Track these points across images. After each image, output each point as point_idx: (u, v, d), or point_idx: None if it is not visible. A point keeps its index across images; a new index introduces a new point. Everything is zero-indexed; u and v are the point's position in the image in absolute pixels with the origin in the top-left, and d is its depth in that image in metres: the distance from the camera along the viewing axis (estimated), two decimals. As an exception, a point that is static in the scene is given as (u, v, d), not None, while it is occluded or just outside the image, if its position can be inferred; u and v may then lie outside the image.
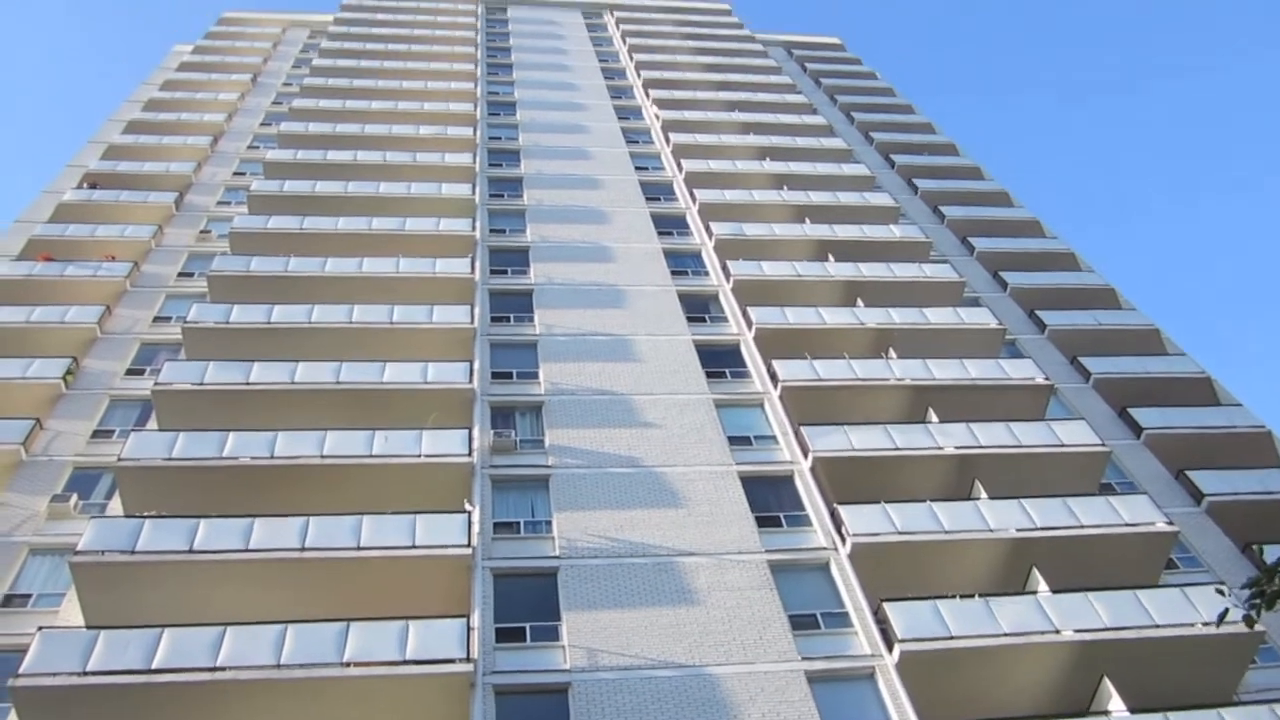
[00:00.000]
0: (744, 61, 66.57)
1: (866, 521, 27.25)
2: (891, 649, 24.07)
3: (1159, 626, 24.48)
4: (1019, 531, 27.29)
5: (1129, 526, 27.75)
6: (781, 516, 28.78)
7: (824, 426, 30.90)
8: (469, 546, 25.45)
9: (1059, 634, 24.14)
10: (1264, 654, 26.30)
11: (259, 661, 21.80)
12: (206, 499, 27.23)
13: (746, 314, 37.21)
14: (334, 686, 21.87)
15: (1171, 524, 28.10)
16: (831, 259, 41.94)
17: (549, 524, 27.75)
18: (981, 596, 25.49)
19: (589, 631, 24.26)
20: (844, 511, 27.62)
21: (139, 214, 44.38)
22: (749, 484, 29.63)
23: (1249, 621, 13.27)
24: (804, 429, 30.84)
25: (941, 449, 30.34)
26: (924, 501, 28.19)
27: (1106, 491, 30.98)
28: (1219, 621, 13.47)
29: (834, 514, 28.10)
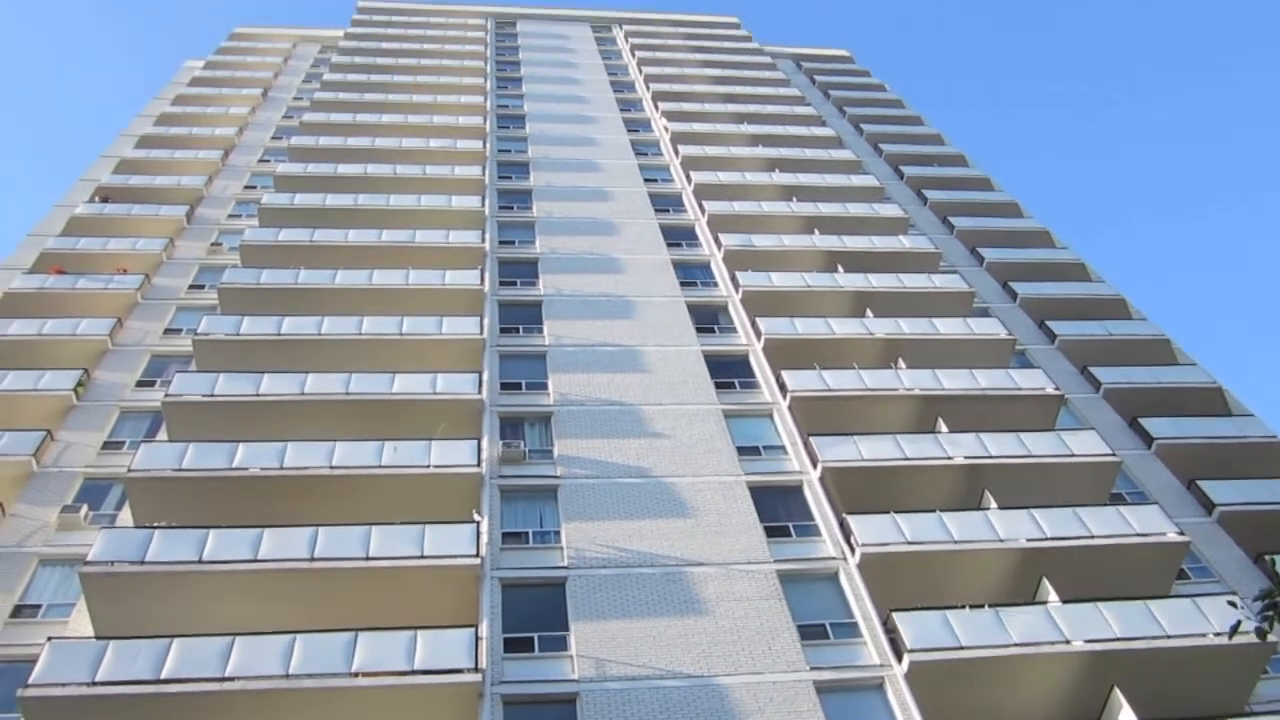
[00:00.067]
0: (753, 74, 66.76)
1: (876, 531, 27.18)
2: (901, 659, 23.98)
3: (1170, 637, 24.34)
4: (1029, 541, 27.19)
5: (1140, 537, 27.65)
6: (790, 526, 28.74)
7: (833, 437, 30.86)
8: (477, 556, 25.45)
9: (1069, 644, 24.02)
10: (1275, 665, 26.01)
11: (268, 671, 21.83)
12: (216, 509, 27.33)
13: (755, 325, 37.22)
14: (343, 696, 21.88)
15: (1182, 534, 27.98)
16: (841, 270, 41.97)
17: (557, 534, 27.76)
18: (991, 607, 25.38)
19: (597, 641, 24.22)
20: (853, 521, 27.57)
21: (150, 227, 44.69)
22: (758, 494, 29.60)
23: (1261, 634, 13.15)
24: (813, 439, 30.81)
25: (951, 459, 30.26)
26: (933, 511, 28.13)
27: (1117, 501, 30.87)
28: (1231, 634, 13.32)
29: (843, 524, 28.04)
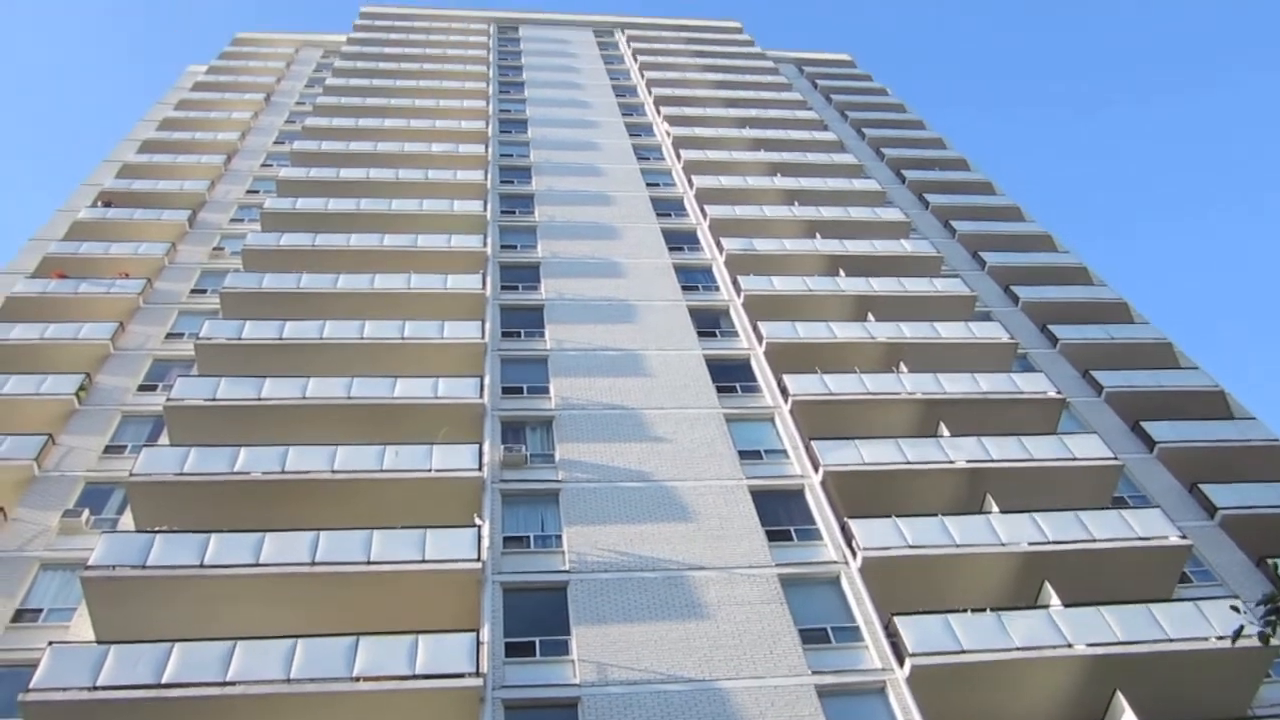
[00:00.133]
0: (755, 78, 66.76)
1: (877, 535, 27.15)
2: (902, 663, 23.94)
3: (1172, 641, 24.29)
4: (1031, 545, 27.15)
5: (1142, 540, 27.60)
6: (792, 530, 28.71)
7: (835, 441, 30.84)
8: (479, 561, 25.45)
9: (1071, 648, 23.98)
10: (1278, 668, 26.00)
11: (269, 676, 21.81)
12: (217, 514, 27.34)
13: (757, 328, 37.22)
14: (344, 701, 21.87)
15: (1185, 538, 27.93)
16: (842, 274, 41.95)
17: (559, 538, 27.74)
18: (993, 610, 25.35)
19: (599, 646, 24.20)
20: (855, 525, 27.54)
21: (153, 231, 44.76)
22: (759, 498, 29.57)
23: (1265, 639, 13.11)
24: (815, 443, 30.79)
25: (953, 463, 30.23)
26: (935, 515, 28.10)
27: (1119, 505, 30.81)
28: (1234, 639, 13.30)
29: (844, 528, 28.02)
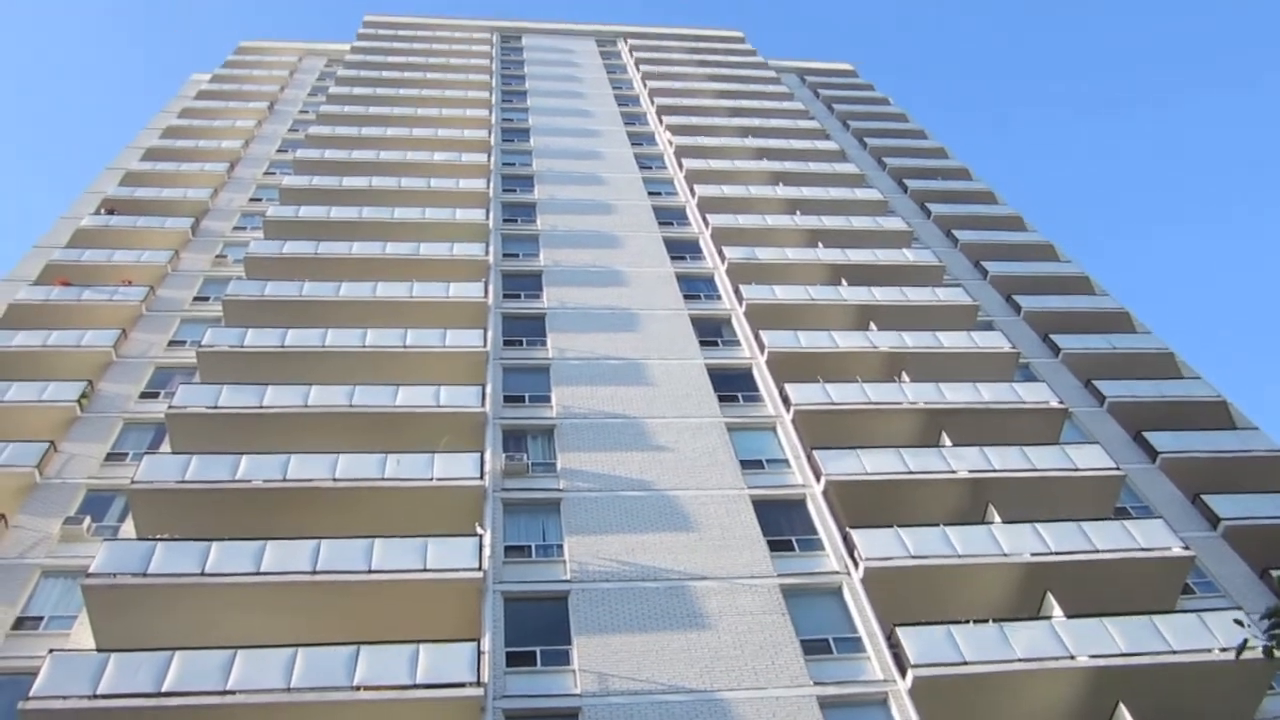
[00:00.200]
0: (757, 88, 66.87)
1: (879, 545, 27.10)
2: (905, 674, 23.88)
3: (1175, 652, 24.22)
4: (1033, 556, 27.09)
5: (1144, 551, 27.55)
6: (794, 540, 28.65)
7: (836, 450, 30.79)
8: (480, 570, 25.41)
9: (1074, 660, 23.92)
10: (1282, 680, 26.01)
11: (270, 684, 21.78)
12: (219, 521, 27.30)
13: (759, 337, 37.20)
14: (345, 710, 21.83)
15: (1187, 549, 27.87)
16: (844, 283, 41.95)
17: (560, 547, 27.70)
18: (995, 621, 25.31)
19: (600, 655, 24.15)
20: (856, 535, 27.49)
21: (156, 239, 44.82)
22: (761, 508, 29.52)
23: (1268, 653, 13.07)
24: (816, 452, 30.75)
25: (955, 473, 30.18)
26: (937, 525, 28.08)
27: (1121, 516, 30.75)
28: (1238, 652, 13.27)
29: (846, 538, 27.97)
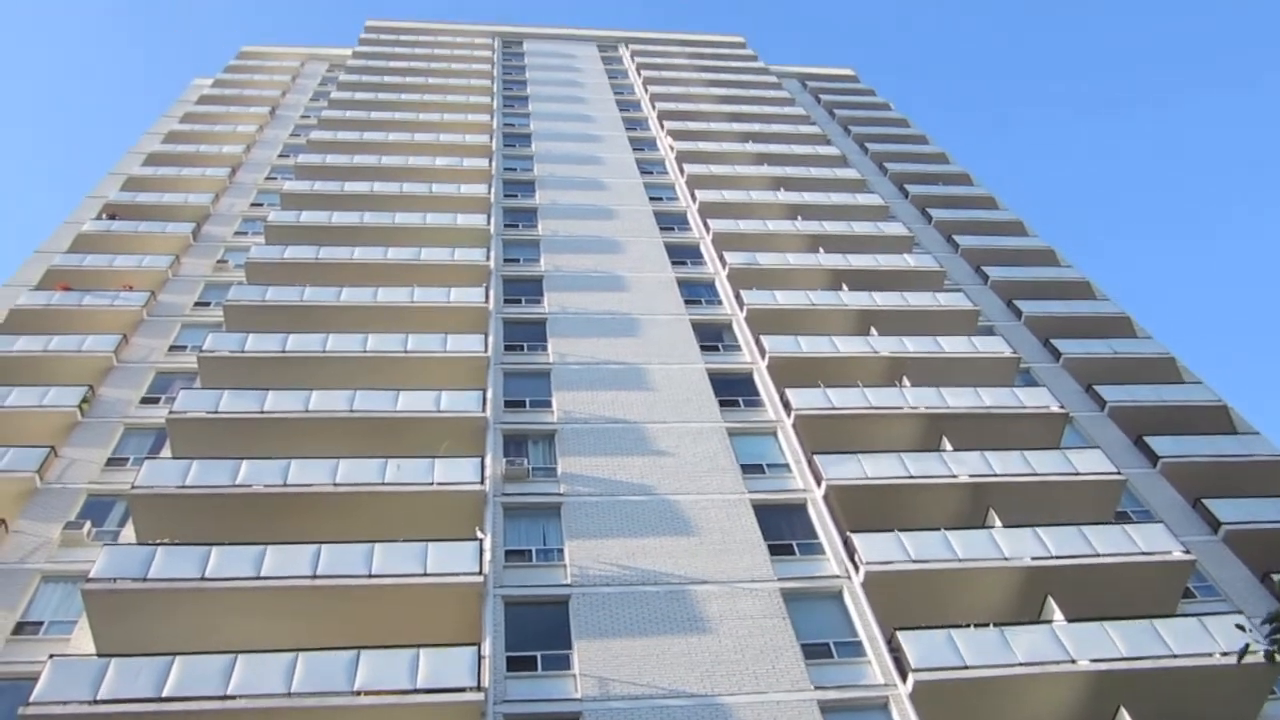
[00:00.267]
0: (758, 93, 66.94)
1: (880, 550, 27.08)
2: (905, 678, 23.85)
3: (1176, 657, 24.21)
4: (1034, 560, 27.07)
5: (1145, 555, 27.52)
6: (794, 545, 28.63)
7: (837, 455, 30.79)
8: (481, 574, 25.39)
9: (1075, 664, 23.89)
10: (1284, 685, 25.95)
11: (270, 690, 21.75)
12: (219, 526, 27.30)
13: (760, 342, 37.19)
14: (345, 715, 21.79)
15: (1188, 553, 27.84)
16: (845, 288, 41.96)
17: (561, 552, 27.69)
18: (996, 626, 25.27)
19: (600, 660, 24.13)
20: (857, 540, 27.46)
21: (157, 244, 44.86)
22: (762, 512, 29.51)
23: (1270, 657, 13.07)
24: (817, 457, 30.74)
25: (956, 477, 30.17)
26: (938, 530, 28.03)
27: (1122, 520, 30.75)
28: (1240, 657, 13.27)
29: (847, 542, 27.95)
